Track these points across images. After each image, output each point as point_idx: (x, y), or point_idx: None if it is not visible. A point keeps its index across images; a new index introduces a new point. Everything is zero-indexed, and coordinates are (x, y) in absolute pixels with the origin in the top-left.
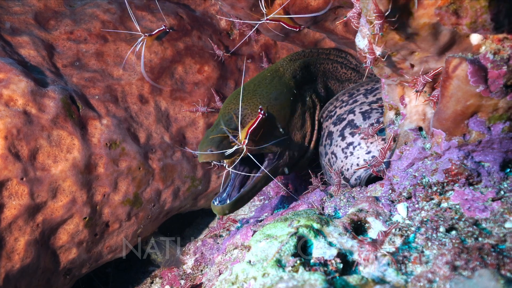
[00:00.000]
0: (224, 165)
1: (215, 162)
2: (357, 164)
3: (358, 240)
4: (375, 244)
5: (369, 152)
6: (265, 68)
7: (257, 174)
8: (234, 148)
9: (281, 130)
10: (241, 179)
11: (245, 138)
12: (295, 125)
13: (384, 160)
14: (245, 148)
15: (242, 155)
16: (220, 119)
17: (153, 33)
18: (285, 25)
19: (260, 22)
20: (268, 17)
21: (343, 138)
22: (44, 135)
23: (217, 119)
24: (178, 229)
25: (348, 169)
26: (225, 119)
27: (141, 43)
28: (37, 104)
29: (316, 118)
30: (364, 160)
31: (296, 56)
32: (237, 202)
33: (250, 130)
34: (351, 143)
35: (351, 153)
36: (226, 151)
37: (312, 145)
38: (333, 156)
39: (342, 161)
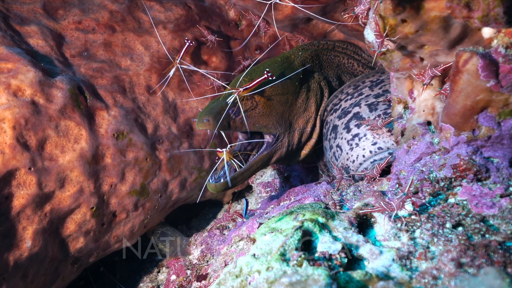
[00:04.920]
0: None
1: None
2: (363, 156)
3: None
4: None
5: (375, 143)
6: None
7: (255, 156)
8: (231, 98)
9: (282, 112)
10: (239, 160)
11: (245, 88)
12: (298, 110)
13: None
14: (240, 94)
15: (238, 101)
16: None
17: (181, 54)
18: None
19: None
20: None
21: (349, 130)
22: (52, 125)
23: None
24: (185, 219)
25: (354, 161)
26: (227, 94)
27: (172, 69)
28: (45, 94)
29: (323, 104)
30: (370, 151)
31: (309, 46)
32: (229, 182)
33: (253, 84)
34: (356, 135)
35: (357, 145)
36: (221, 118)
37: (316, 131)
38: (338, 149)
39: (347, 153)
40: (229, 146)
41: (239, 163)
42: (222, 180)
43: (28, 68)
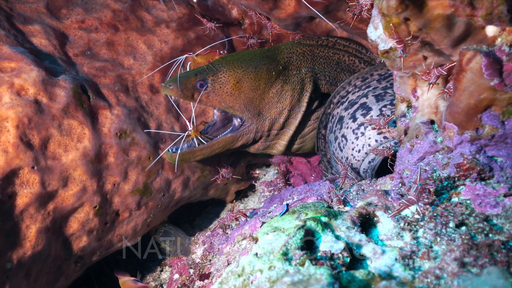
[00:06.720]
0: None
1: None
2: (369, 145)
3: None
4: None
5: (380, 133)
6: None
7: (218, 137)
8: (181, 60)
9: (251, 98)
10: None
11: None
12: (271, 99)
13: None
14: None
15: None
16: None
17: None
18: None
19: None
20: None
21: (354, 119)
22: (55, 125)
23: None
24: (188, 218)
25: (359, 151)
26: (201, 68)
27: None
28: (48, 94)
29: (306, 100)
30: (376, 140)
31: (306, 41)
32: (184, 154)
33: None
34: (362, 124)
35: (362, 134)
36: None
37: (293, 123)
38: (343, 139)
39: (353, 143)
40: (191, 126)
41: (204, 142)
42: (179, 152)
43: (31, 67)
